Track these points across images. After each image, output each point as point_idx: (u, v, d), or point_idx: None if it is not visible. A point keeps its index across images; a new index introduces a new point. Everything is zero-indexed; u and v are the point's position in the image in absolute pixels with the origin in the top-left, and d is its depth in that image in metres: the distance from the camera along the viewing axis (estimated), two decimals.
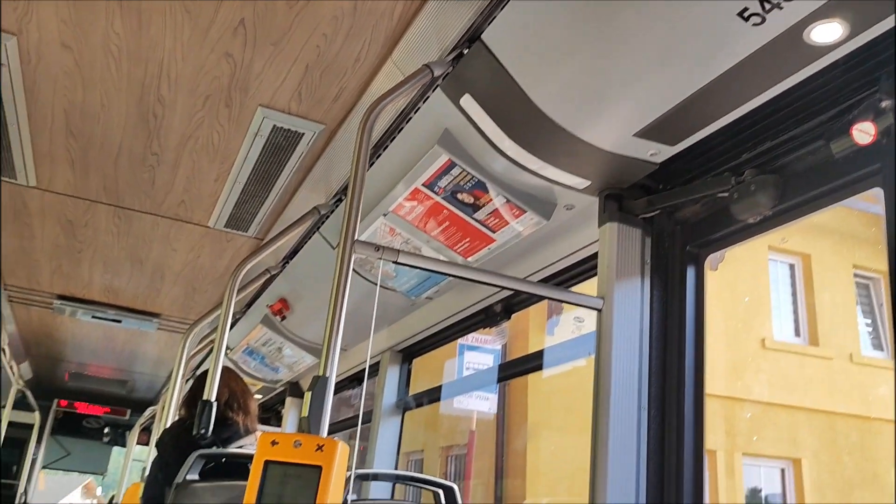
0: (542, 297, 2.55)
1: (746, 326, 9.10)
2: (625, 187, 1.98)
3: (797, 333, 9.41)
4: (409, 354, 3.82)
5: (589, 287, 2.16)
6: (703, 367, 1.86)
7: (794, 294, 9.43)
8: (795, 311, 9.50)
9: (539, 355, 2.93)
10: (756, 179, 1.66)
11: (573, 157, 1.91)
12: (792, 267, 9.40)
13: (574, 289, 2.48)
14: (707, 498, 1.79)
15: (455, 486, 2.86)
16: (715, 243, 1.90)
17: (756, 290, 9.23)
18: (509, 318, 2.93)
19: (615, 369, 1.82)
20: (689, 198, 1.84)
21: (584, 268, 2.41)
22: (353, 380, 4.48)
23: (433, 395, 3.70)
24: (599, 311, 1.89)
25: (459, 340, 3.02)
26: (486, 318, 3.08)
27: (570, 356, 2.78)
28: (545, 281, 2.52)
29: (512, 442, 9.27)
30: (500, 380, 3.20)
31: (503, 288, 2.66)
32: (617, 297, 1.87)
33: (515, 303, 2.89)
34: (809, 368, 9.15)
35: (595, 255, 2.08)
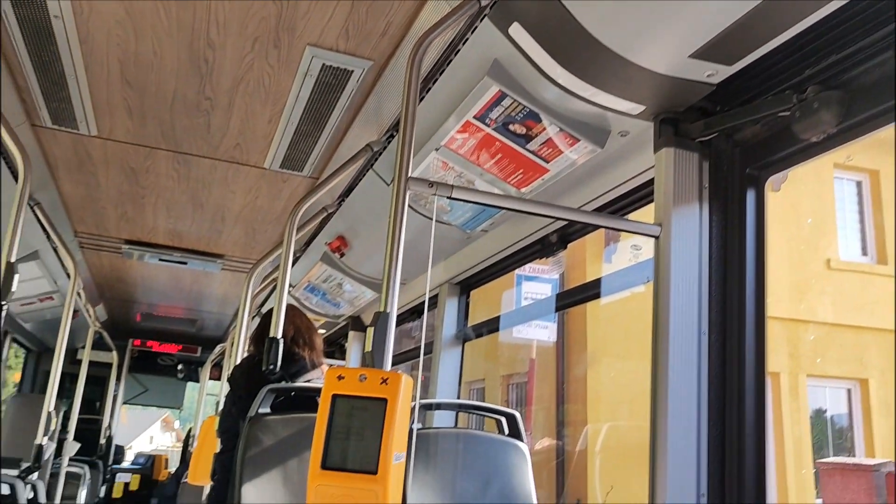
0: (597, 227, 2.53)
1: (811, 247, 8.88)
2: (680, 111, 1.94)
3: (864, 252, 9.15)
4: (466, 286, 3.86)
5: (646, 214, 2.14)
6: (764, 291, 1.84)
7: (860, 212, 9.13)
8: (862, 230, 9.21)
9: (597, 283, 2.93)
10: (819, 96, 1.60)
11: (626, 82, 1.86)
12: (859, 184, 9.07)
13: (631, 216, 2.46)
14: (770, 420, 1.79)
15: (517, 413, 2.92)
16: (775, 164, 1.85)
17: (821, 210, 8.97)
18: (565, 247, 2.92)
19: (674, 295, 1.81)
20: (749, 118, 1.79)
21: (641, 195, 2.38)
22: (413, 312, 4.56)
23: (492, 326, 3.74)
24: (657, 238, 1.88)
25: (517, 271, 3.03)
26: (541, 248, 3.08)
27: (628, 283, 2.77)
28: (600, 209, 2.50)
29: (572, 369, 9.36)
30: (558, 309, 3.22)
31: (558, 218, 2.65)
32: (674, 224, 1.85)
33: (571, 232, 2.87)
34: (877, 288, 8.92)
35: (651, 182, 2.05)
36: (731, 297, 1.85)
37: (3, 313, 2.70)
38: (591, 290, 2.99)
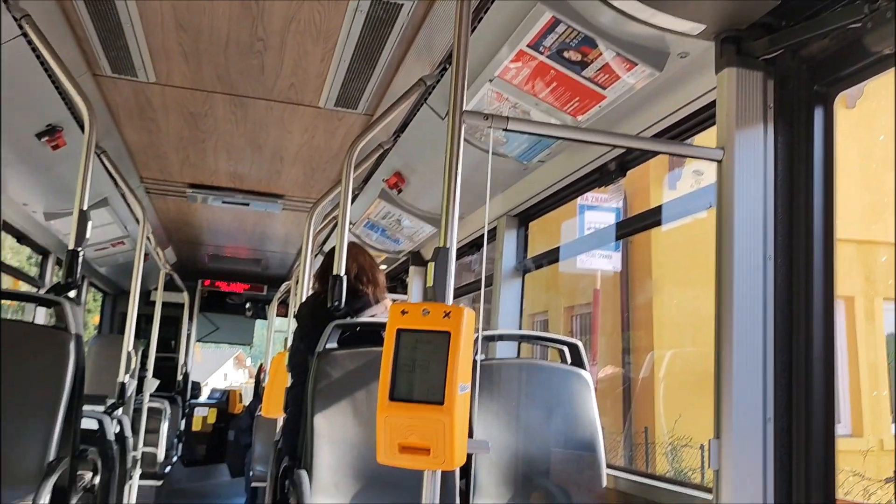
0: (656, 153, 2.48)
1: (885, 165, 8.50)
2: (743, 28, 1.86)
3: None
4: (524, 218, 3.85)
5: (707, 138, 2.09)
6: (832, 213, 1.78)
7: None
8: None
9: (658, 211, 2.89)
10: (893, 5, 1.51)
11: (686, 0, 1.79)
12: None
13: (692, 141, 2.40)
14: (842, 345, 1.76)
15: (579, 343, 2.94)
16: (845, 80, 1.77)
17: None
18: (624, 175, 2.88)
19: (738, 220, 1.78)
20: (816, 33, 1.70)
21: (702, 118, 2.31)
22: (472, 246, 4.59)
23: (552, 257, 3.74)
24: (719, 162, 1.83)
25: (578, 200, 3.00)
26: (599, 177, 3.04)
27: (690, 210, 2.72)
28: (660, 135, 2.45)
29: (637, 297, 9.26)
30: (619, 237, 3.19)
31: (616, 146, 2.61)
32: (738, 147, 1.80)
33: (629, 160, 2.82)
34: None
35: (713, 104, 1.99)
36: (797, 221, 1.80)
37: (80, 259, 2.81)
38: (652, 218, 2.95)
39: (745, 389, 1.71)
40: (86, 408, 2.81)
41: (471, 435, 1.51)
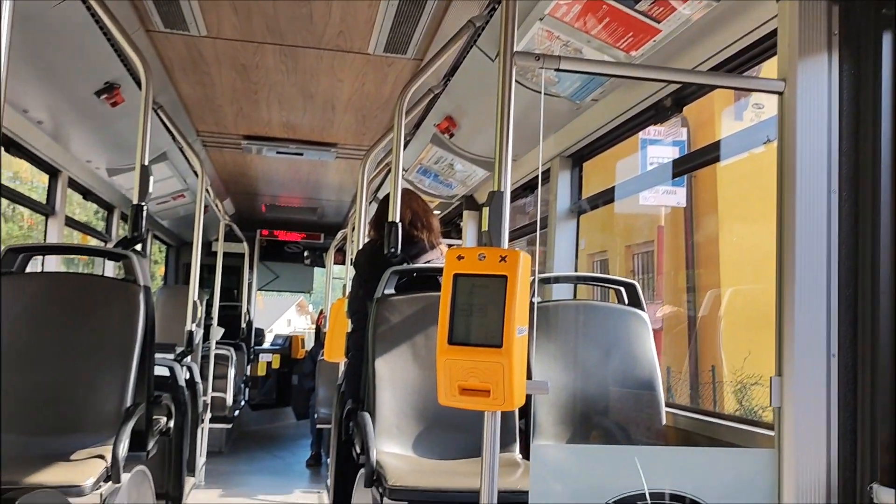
0: (714, 87, 2.41)
1: None
2: None
3: None
4: (578, 159, 3.80)
5: (768, 70, 2.02)
6: None
7: None
8: None
9: (717, 146, 2.82)
10: None
11: None
12: None
13: (751, 73, 2.32)
14: None
15: (636, 283, 2.93)
16: None
17: None
18: (681, 111, 2.80)
19: (800, 153, 1.72)
20: None
21: (762, 49, 2.23)
22: (526, 188, 4.56)
23: (609, 196, 3.69)
24: (781, 94, 1.77)
25: (640, 135, 2.93)
26: (655, 113, 2.97)
27: (750, 144, 2.65)
28: (718, 68, 2.37)
29: (701, 233, 8.97)
30: (681, 173, 3.09)
31: (671, 82, 2.54)
32: (800, 77, 1.73)
33: (686, 95, 2.75)
34: None
35: (773, 34, 1.92)
36: (863, 153, 1.74)
37: (144, 213, 2.90)
38: (714, 152, 2.87)
39: (808, 325, 1.69)
40: (157, 356, 2.93)
41: (529, 376, 1.53)
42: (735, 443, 2.37)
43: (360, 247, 3.61)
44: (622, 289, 2.96)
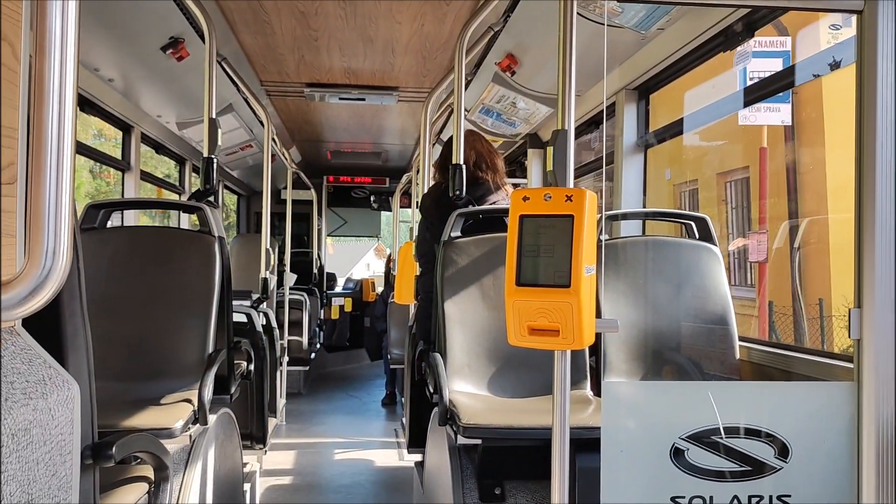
0: (787, 9, 2.29)
1: None
2: None
3: None
4: (644, 91, 3.70)
5: None
6: None
7: None
8: None
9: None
10: None
11: None
12: None
13: None
14: None
15: (706, 217, 2.87)
16: None
17: None
18: (751, 36, 2.69)
19: (881, 76, 1.64)
20: None
21: None
22: (591, 123, 4.48)
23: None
24: (860, 13, 1.68)
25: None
26: (725, 40, 2.86)
27: (824, 68, 2.53)
28: None
29: (806, 155, 8.32)
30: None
31: (741, 6, 2.44)
32: None
33: (758, 18, 2.63)
34: None
35: None
36: None
37: (215, 165, 2.97)
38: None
39: (889, 256, 1.63)
40: (234, 303, 3.04)
41: (599, 315, 1.53)
42: (812, 376, 2.33)
43: (426, 190, 3.62)
44: (692, 223, 2.90)
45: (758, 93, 2.88)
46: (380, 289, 8.60)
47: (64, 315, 1.09)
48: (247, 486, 3.18)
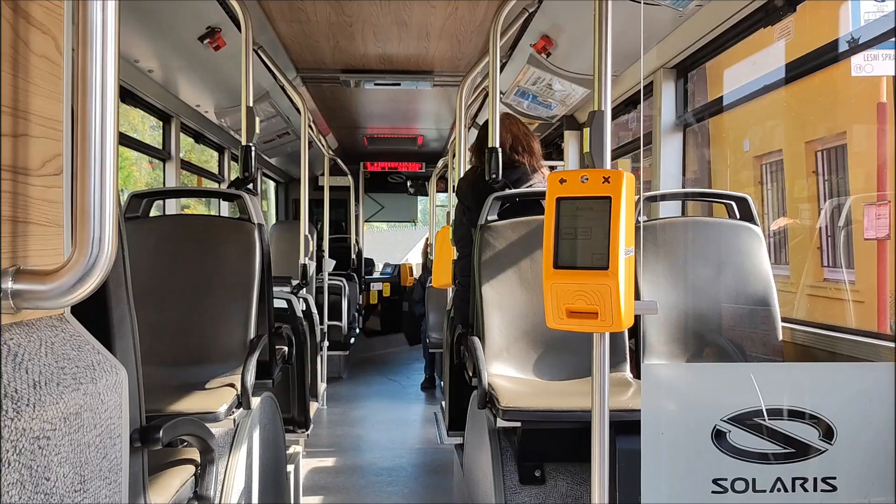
0: None
1: None
2: None
3: None
4: (682, 70, 3.64)
5: None
6: None
7: None
8: None
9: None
10: None
11: None
12: None
13: None
14: None
15: (747, 196, 2.82)
16: None
17: None
18: (794, 10, 2.63)
19: None
20: None
21: None
22: (629, 103, 4.42)
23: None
24: None
25: None
26: (765, 16, 2.80)
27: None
28: None
29: None
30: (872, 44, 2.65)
31: None
32: None
33: None
34: None
35: None
36: None
37: (253, 153, 3.00)
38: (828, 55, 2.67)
39: None
40: (274, 289, 3.08)
41: (637, 297, 1.52)
42: (857, 357, 2.29)
43: (462, 174, 3.62)
44: (732, 203, 2.86)
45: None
46: (417, 273, 8.64)
47: (110, 302, 1.11)
48: (290, 468, 3.24)
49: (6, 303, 0.83)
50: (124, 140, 4.13)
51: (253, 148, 3.02)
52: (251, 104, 3.04)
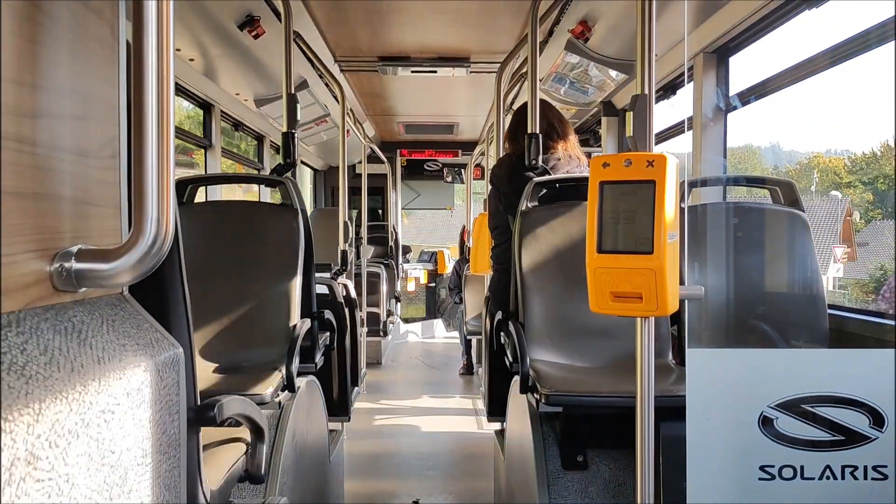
0: None
1: None
2: None
3: None
4: (724, 53, 3.59)
5: None
6: None
7: None
8: None
9: None
10: None
11: None
12: None
13: None
14: None
15: (792, 181, 2.78)
16: None
17: None
18: None
19: None
20: None
21: None
22: (667, 88, 4.37)
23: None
24: None
25: None
26: None
27: None
28: None
29: None
30: None
31: None
32: None
33: None
34: None
35: None
36: None
37: (295, 140, 3.03)
38: None
39: None
40: (315, 275, 3.11)
41: (682, 282, 1.51)
42: None
43: (497, 161, 3.61)
44: (777, 188, 2.82)
45: None
46: (454, 260, 8.66)
47: (165, 283, 1.14)
48: (333, 451, 3.28)
49: (70, 281, 0.86)
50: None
51: (295, 134, 3.05)
52: (292, 91, 3.07)
